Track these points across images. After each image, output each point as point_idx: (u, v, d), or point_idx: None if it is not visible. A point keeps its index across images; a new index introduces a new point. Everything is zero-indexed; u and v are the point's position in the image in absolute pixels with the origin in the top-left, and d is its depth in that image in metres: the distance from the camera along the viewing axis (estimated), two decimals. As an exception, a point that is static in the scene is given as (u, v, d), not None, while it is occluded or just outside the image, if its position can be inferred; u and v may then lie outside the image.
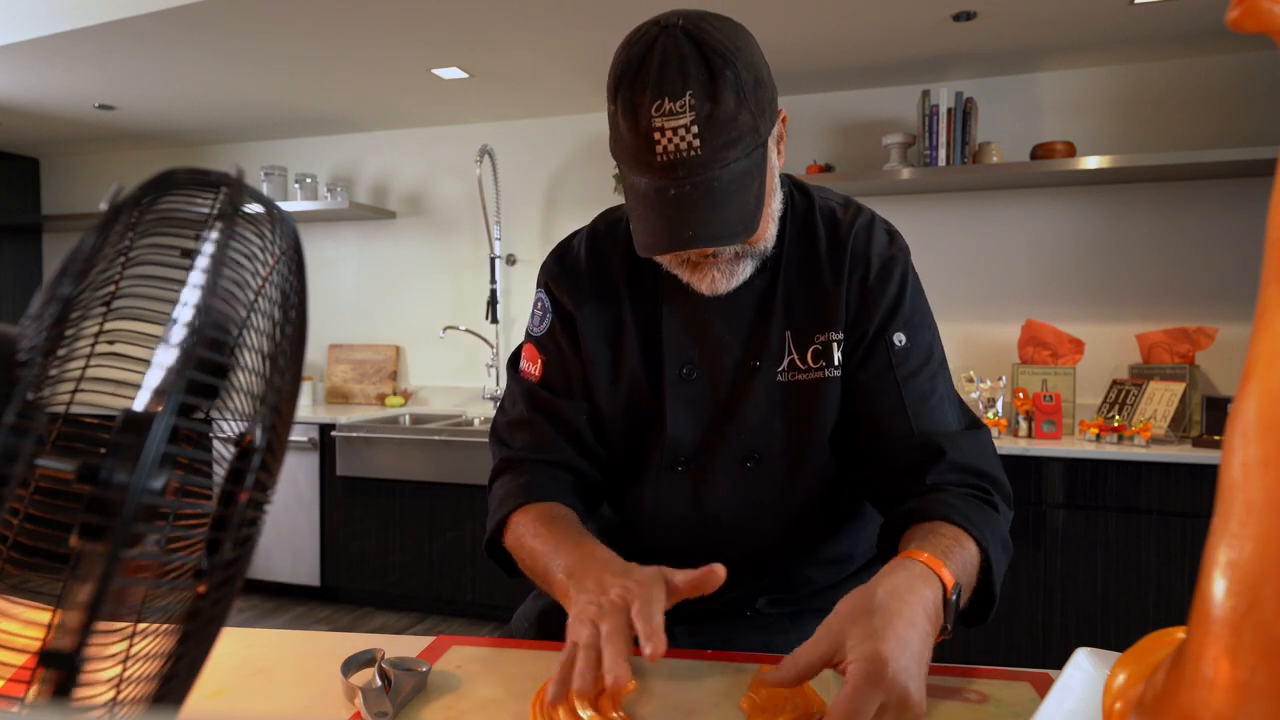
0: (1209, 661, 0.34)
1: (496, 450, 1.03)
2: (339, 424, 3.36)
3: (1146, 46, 2.81)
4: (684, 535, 0.98)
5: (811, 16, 2.56)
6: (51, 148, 4.42)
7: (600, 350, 0.98)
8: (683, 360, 0.95)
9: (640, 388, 0.97)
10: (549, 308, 1.01)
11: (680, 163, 0.77)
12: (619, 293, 0.98)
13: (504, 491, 0.96)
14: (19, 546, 0.39)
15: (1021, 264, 3.14)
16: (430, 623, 3.32)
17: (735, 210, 0.79)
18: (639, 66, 0.78)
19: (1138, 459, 2.48)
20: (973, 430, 0.92)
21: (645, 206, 0.81)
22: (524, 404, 1.01)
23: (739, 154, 0.79)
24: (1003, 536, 0.83)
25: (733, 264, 0.88)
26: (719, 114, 0.76)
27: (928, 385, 0.91)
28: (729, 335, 0.95)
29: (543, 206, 3.79)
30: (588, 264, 1.00)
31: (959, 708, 0.73)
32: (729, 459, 0.96)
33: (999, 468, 0.90)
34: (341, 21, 2.65)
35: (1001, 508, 0.86)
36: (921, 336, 0.93)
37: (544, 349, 1.01)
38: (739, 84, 0.77)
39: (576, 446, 0.99)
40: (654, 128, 0.77)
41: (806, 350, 0.93)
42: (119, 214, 0.39)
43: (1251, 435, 0.32)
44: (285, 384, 0.43)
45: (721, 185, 0.78)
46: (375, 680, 0.74)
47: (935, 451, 0.87)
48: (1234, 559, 0.33)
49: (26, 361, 0.36)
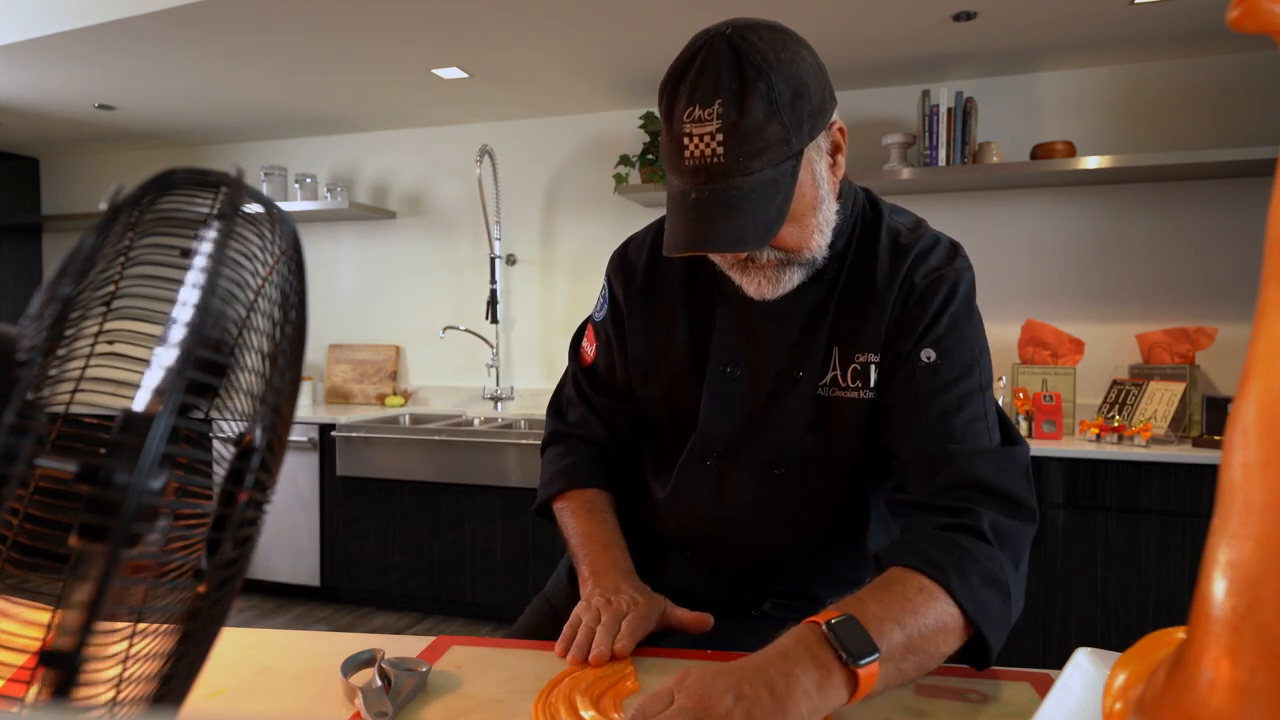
0: (1209, 661, 0.34)
1: (551, 419, 1.18)
2: (339, 424, 3.36)
3: (1146, 46, 2.81)
4: (703, 528, 1.02)
5: (812, 16, 2.56)
6: (51, 148, 4.42)
7: (644, 343, 1.05)
8: (728, 360, 0.98)
9: (682, 380, 1.02)
10: (608, 299, 1.09)
11: (704, 168, 0.81)
12: (674, 290, 1.03)
13: (555, 468, 1.10)
14: (19, 546, 0.39)
15: (1021, 264, 3.14)
16: (430, 623, 3.32)
17: (751, 218, 0.81)
18: (681, 73, 0.82)
19: (1138, 459, 2.48)
20: (1001, 448, 0.88)
21: (673, 207, 0.85)
22: (574, 386, 1.15)
23: (764, 164, 0.80)
24: (987, 570, 0.77)
25: (778, 271, 0.90)
26: (745, 124, 0.78)
27: (955, 402, 0.88)
28: (777, 342, 0.96)
29: (543, 206, 3.79)
30: (648, 258, 1.06)
31: (959, 708, 0.73)
32: (758, 463, 0.98)
33: (1019, 483, 0.85)
34: (341, 21, 2.65)
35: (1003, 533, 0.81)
36: (957, 356, 0.90)
37: (599, 334, 1.11)
38: (771, 96, 0.79)
39: (611, 433, 1.12)
40: (684, 133, 0.81)
41: (849, 368, 0.94)
42: (119, 214, 0.39)
43: (1251, 435, 0.32)
44: (285, 384, 0.43)
45: (741, 193, 0.80)
46: (375, 680, 0.74)
47: (941, 463, 0.85)
48: (1234, 559, 0.33)
49: (26, 361, 0.36)
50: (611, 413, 1.11)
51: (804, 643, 0.68)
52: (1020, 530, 0.83)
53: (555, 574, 1.17)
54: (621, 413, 1.11)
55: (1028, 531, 0.84)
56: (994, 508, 0.82)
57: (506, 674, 0.80)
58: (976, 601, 0.75)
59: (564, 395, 1.17)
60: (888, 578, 0.76)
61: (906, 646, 0.70)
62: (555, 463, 1.12)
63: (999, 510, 0.82)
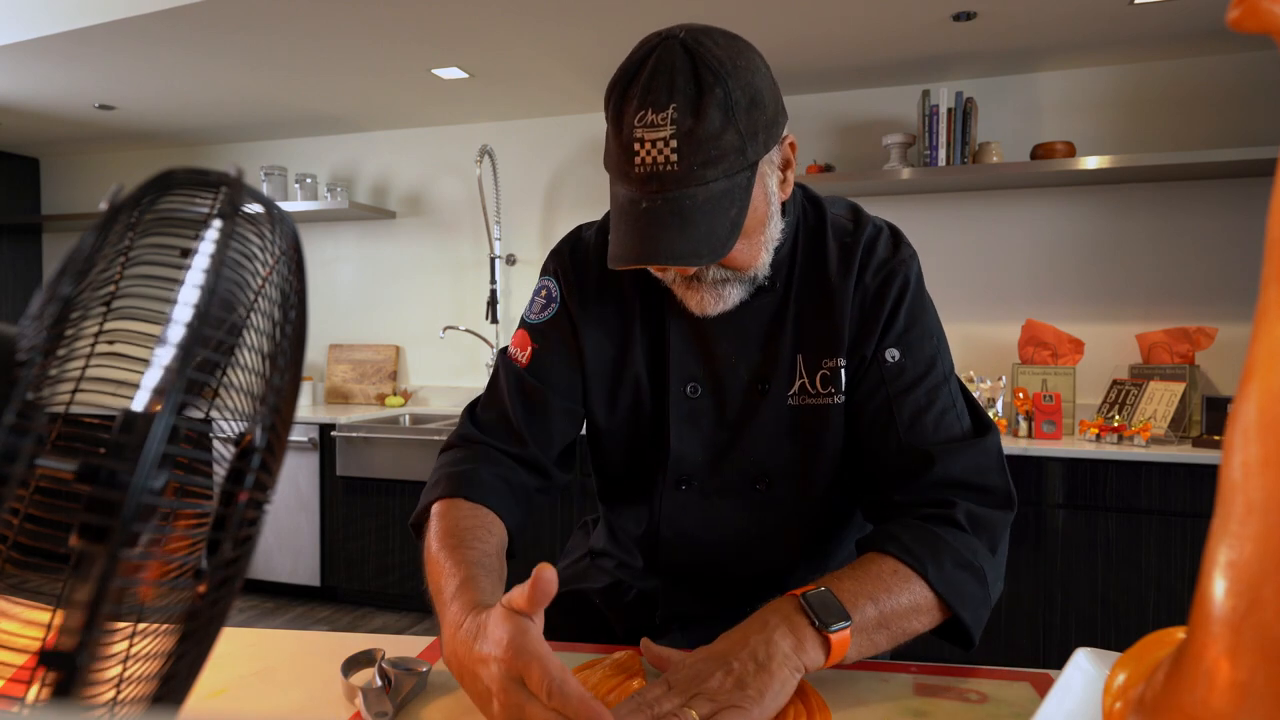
0: (1209, 661, 0.34)
1: (461, 423, 1.00)
2: (339, 424, 3.36)
3: (1146, 46, 2.81)
4: (692, 555, 0.98)
5: (812, 16, 2.56)
6: (51, 148, 4.42)
7: (603, 354, 0.96)
8: (687, 377, 0.94)
9: (643, 400, 0.96)
10: (554, 298, 0.98)
11: (655, 175, 0.76)
12: (628, 297, 0.96)
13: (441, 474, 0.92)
14: (19, 546, 0.39)
15: (1021, 264, 3.14)
16: (430, 623, 3.31)
17: (705, 231, 0.77)
18: (633, 75, 0.78)
19: (1138, 459, 2.48)
20: (974, 439, 0.88)
21: (619, 217, 0.80)
22: (506, 390, 0.97)
23: (719, 174, 0.77)
24: (960, 555, 0.79)
25: (719, 287, 0.86)
26: (700, 131, 0.75)
27: (925, 399, 0.88)
28: (735, 356, 0.93)
29: (543, 206, 3.79)
30: (598, 262, 0.97)
31: (959, 708, 0.73)
32: (738, 480, 0.95)
33: (993, 473, 0.86)
34: (341, 21, 2.65)
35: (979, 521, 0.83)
36: (920, 350, 0.90)
37: (538, 338, 0.97)
38: (728, 103, 0.75)
39: (550, 442, 0.96)
40: (635, 138, 0.76)
41: (816, 375, 0.92)
42: (119, 214, 0.39)
43: (1251, 435, 0.32)
44: (285, 384, 0.43)
45: (696, 204, 0.77)
46: (375, 680, 0.74)
47: (923, 464, 0.85)
48: (1234, 559, 0.33)
49: (26, 361, 0.36)
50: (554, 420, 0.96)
51: (781, 612, 0.72)
52: (997, 517, 0.84)
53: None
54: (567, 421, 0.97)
55: (1005, 518, 0.85)
56: (971, 499, 0.84)
57: (506, 674, 0.79)
58: (950, 584, 0.78)
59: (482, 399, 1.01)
60: (864, 560, 0.79)
61: (879, 620, 0.74)
62: (445, 469, 0.93)
63: (975, 501, 0.84)
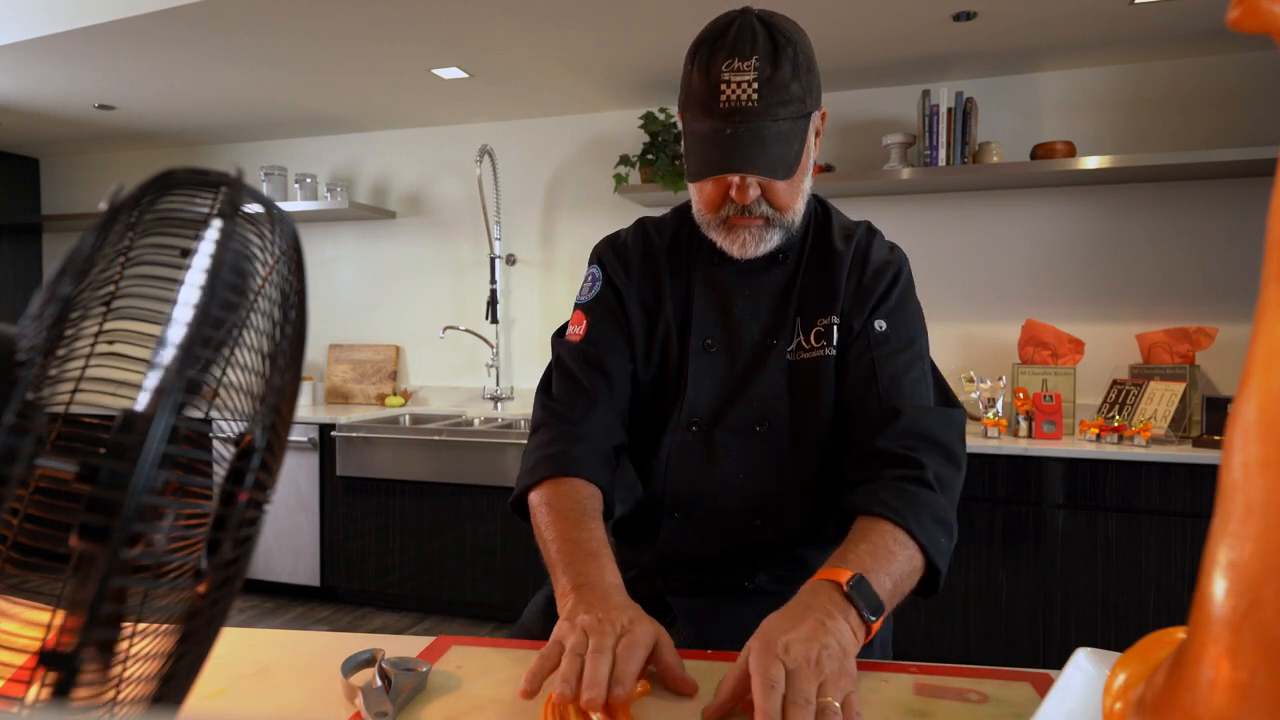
0: (1209, 661, 0.34)
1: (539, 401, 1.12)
2: (339, 424, 3.36)
3: (1146, 46, 2.81)
4: (693, 489, 1.08)
5: (811, 16, 2.56)
6: (51, 148, 4.42)
7: (640, 319, 1.12)
8: (706, 334, 1.09)
9: (670, 355, 1.10)
10: (599, 278, 1.14)
11: (739, 109, 0.93)
12: (660, 274, 1.12)
13: (537, 456, 1.03)
14: (19, 546, 0.39)
15: (1021, 264, 3.14)
16: (430, 623, 3.32)
17: (779, 153, 0.95)
18: (719, 34, 0.95)
19: (1138, 459, 2.48)
20: (943, 407, 1.03)
21: (703, 144, 0.96)
22: (570, 359, 1.11)
23: (787, 115, 0.94)
24: (935, 512, 0.92)
25: (763, 230, 1.02)
26: (777, 78, 0.93)
27: (903, 367, 1.03)
28: (749, 317, 1.08)
29: (543, 206, 3.79)
30: (635, 248, 1.15)
31: (959, 708, 0.73)
32: (741, 424, 1.07)
33: (956, 440, 1.00)
34: (341, 21, 2.65)
35: (944, 482, 0.96)
36: (904, 329, 1.06)
37: (591, 312, 1.13)
38: (795, 61, 0.94)
39: (613, 395, 1.09)
40: (722, 79, 0.93)
41: (810, 331, 1.07)
42: (119, 214, 0.39)
43: (1251, 435, 0.32)
44: (285, 384, 0.43)
45: (770, 134, 0.94)
46: (375, 680, 0.74)
47: (892, 416, 0.99)
48: (1234, 559, 0.33)
49: (26, 361, 0.36)
50: (614, 376, 1.09)
51: (834, 602, 0.80)
52: (956, 479, 0.99)
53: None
54: (624, 375, 1.10)
55: (960, 479, 0.99)
56: (936, 458, 0.96)
57: (506, 674, 0.79)
58: (930, 539, 0.90)
59: (549, 376, 1.13)
60: (866, 528, 0.89)
61: (892, 591, 0.85)
62: (539, 450, 1.04)
63: (940, 459, 0.97)
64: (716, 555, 1.08)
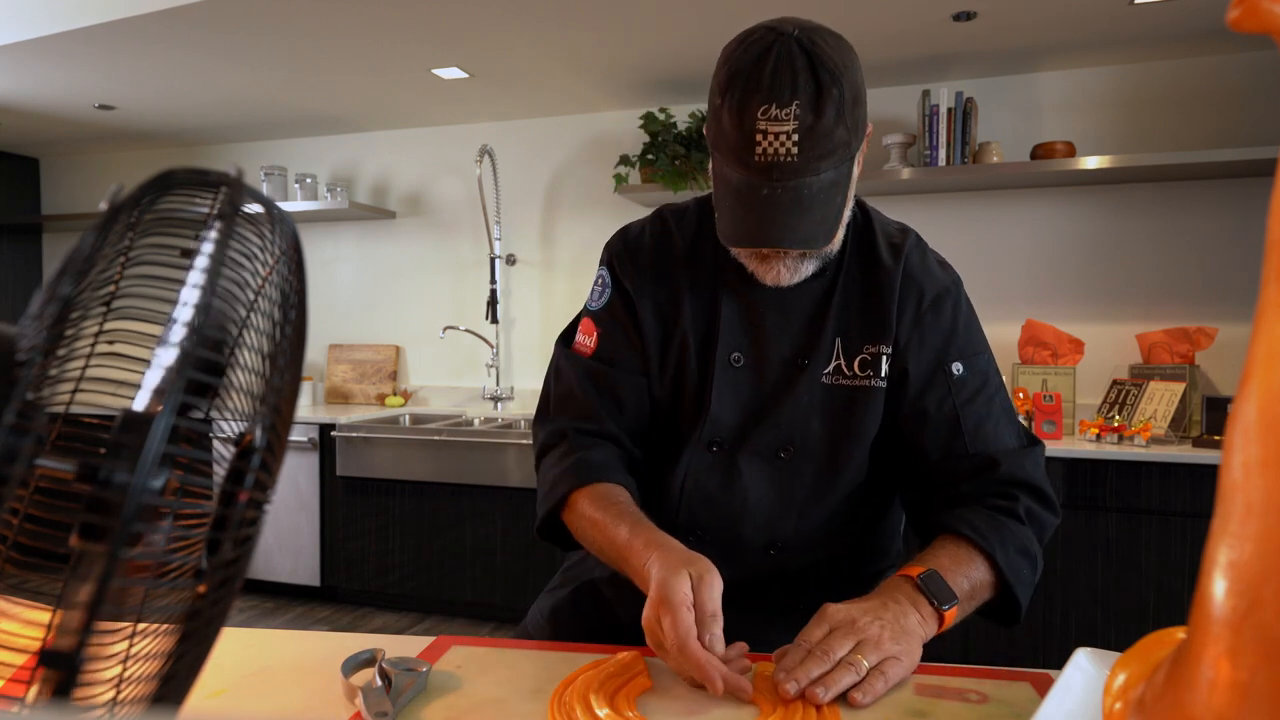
0: (1209, 661, 0.34)
1: (540, 427, 1.06)
2: (339, 424, 3.36)
3: (1146, 46, 2.81)
4: (711, 511, 1.01)
5: (811, 17, 2.56)
6: (51, 148, 4.42)
7: (654, 329, 1.03)
8: (734, 347, 1.00)
9: (688, 368, 1.01)
10: (609, 284, 1.05)
11: (776, 165, 0.83)
12: (679, 276, 1.03)
13: (558, 471, 0.98)
14: (19, 546, 0.39)
15: (1021, 264, 3.14)
16: (430, 623, 3.32)
17: (819, 218, 0.86)
18: (752, 68, 0.83)
19: (1138, 459, 2.48)
20: (1026, 448, 0.98)
21: (735, 200, 0.87)
22: (575, 378, 1.04)
23: (830, 165, 0.85)
24: (1021, 543, 0.91)
25: (799, 261, 0.94)
26: (820, 127, 0.82)
27: (984, 409, 0.98)
28: (781, 332, 0.99)
29: (543, 206, 3.79)
30: (651, 246, 1.05)
31: (959, 708, 0.73)
32: (764, 447, 0.99)
33: (1045, 480, 0.97)
34: (341, 21, 2.65)
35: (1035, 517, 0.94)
36: (977, 363, 0.99)
37: (601, 323, 1.05)
38: (841, 101, 0.83)
39: (625, 421, 1.03)
40: (757, 129, 0.82)
41: (855, 359, 0.98)
42: (119, 214, 0.39)
43: (1251, 435, 0.32)
44: (285, 384, 0.43)
45: (811, 193, 0.85)
46: (375, 680, 0.74)
47: (989, 466, 0.95)
48: (1234, 559, 0.33)
49: (26, 361, 0.36)
50: (626, 399, 1.02)
51: (902, 590, 0.83)
52: (1049, 520, 0.96)
53: (554, 577, 1.15)
54: (638, 397, 1.03)
55: (1053, 521, 0.97)
56: (1030, 498, 0.95)
57: (506, 674, 0.80)
58: (1012, 567, 0.89)
59: (555, 393, 1.07)
60: (945, 540, 0.90)
61: (969, 594, 0.86)
62: (557, 466, 0.99)
63: (1033, 500, 0.95)
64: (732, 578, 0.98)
